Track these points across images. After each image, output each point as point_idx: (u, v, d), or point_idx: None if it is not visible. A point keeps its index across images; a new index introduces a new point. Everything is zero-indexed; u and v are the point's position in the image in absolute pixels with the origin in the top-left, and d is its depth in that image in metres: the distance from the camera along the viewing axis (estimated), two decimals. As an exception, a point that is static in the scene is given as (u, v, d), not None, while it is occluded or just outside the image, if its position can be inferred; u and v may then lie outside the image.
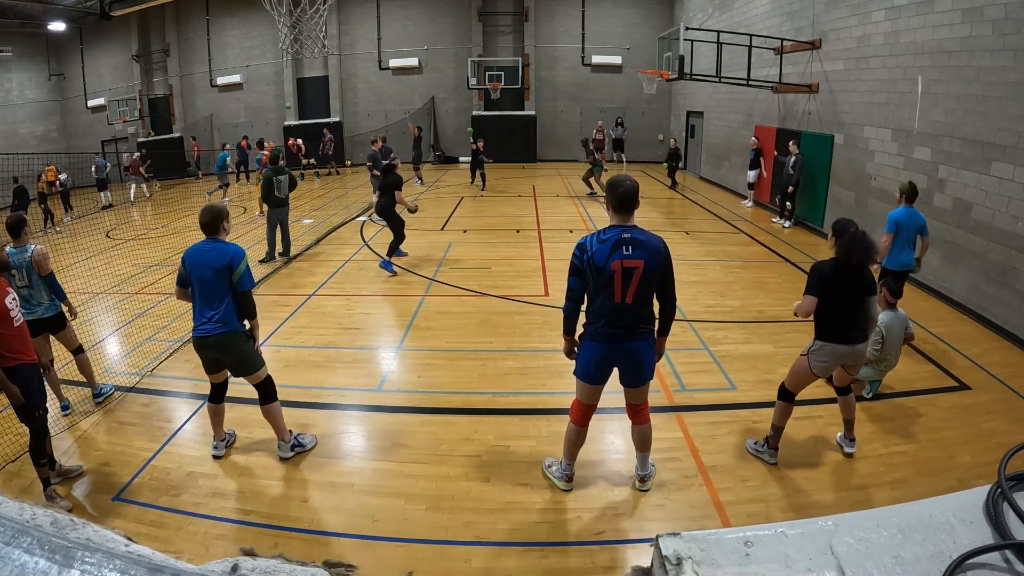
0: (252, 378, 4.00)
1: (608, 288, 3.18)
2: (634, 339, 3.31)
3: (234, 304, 3.83)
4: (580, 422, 3.60)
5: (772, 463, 3.93)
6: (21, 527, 0.63)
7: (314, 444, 4.25)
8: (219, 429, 4.18)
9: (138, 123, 20.98)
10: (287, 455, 4.09)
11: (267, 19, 17.04)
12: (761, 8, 12.62)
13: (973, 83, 6.51)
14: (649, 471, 3.77)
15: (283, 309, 7.07)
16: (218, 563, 0.72)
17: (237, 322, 3.86)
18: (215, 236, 3.85)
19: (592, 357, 3.38)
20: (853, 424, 4.04)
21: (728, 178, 15.13)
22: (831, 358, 3.69)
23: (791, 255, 9.20)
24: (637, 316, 3.27)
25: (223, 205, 3.95)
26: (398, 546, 3.33)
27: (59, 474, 3.90)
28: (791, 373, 3.89)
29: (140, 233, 11.91)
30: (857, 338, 3.67)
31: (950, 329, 6.27)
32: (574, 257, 3.26)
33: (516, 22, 20.57)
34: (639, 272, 3.14)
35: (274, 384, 4.07)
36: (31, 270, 4.55)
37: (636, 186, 3.24)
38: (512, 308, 6.98)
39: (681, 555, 0.85)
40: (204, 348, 3.87)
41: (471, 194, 14.89)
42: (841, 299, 3.61)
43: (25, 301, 4.53)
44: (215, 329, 3.77)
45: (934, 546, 0.87)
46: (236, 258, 3.78)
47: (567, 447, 3.68)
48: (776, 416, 3.93)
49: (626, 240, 3.16)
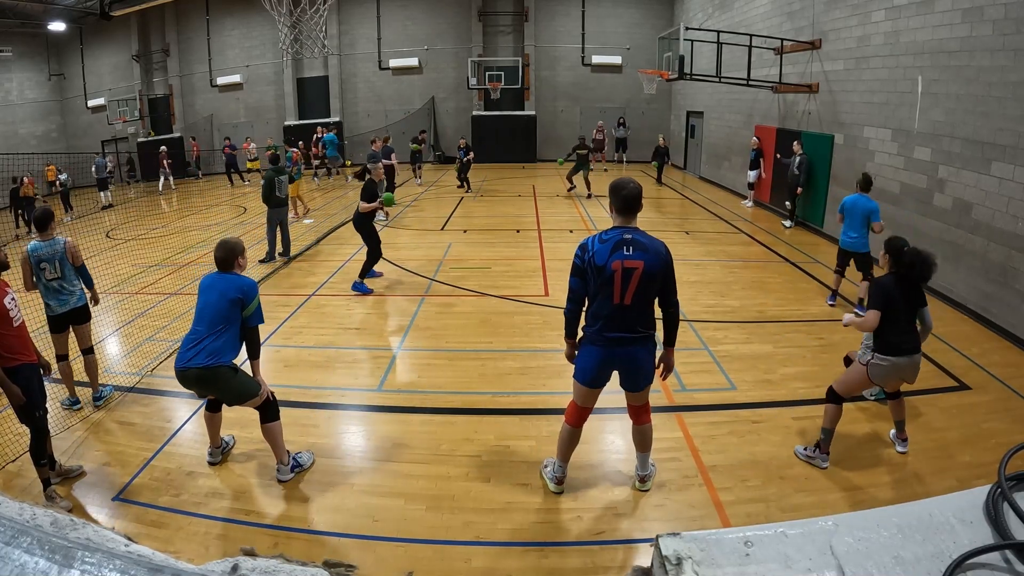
0: (251, 403, 3.81)
1: (607, 288, 3.17)
2: (632, 344, 3.29)
3: (238, 338, 3.69)
4: (575, 423, 3.59)
5: (824, 467, 3.93)
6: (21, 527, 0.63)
7: (312, 462, 4.07)
8: (215, 437, 4.09)
9: (138, 123, 20.99)
10: (286, 477, 3.88)
11: (267, 19, 17.06)
12: (761, 8, 12.62)
13: (973, 83, 6.51)
14: (649, 471, 3.77)
15: (283, 309, 7.07)
16: (218, 563, 0.72)
17: (228, 357, 3.63)
18: (229, 271, 3.76)
19: (591, 361, 3.38)
20: (904, 424, 4.10)
21: (728, 178, 15.13)
22: (892, 370, 3.78)
23: (791, 255, 9.20)
24: (636, 319, 3.25)
25: (238, 240, 3.85)
26: (398, 546, 3.33)
27: (59, 474, 3.90)
28: (845, 380, 3.94)
29: (140, 233, 11.91)
30: (915, 349, 3.79)
31: (950, 329, 6.27)
32: (576, 257, 3.27)
33: (516, 22, 20.57)
34: (639, 273, 3.14)
35: (277, 405, 3.89)
36: (64, 261, 4.61)
37: (639, 189, 3.25)
38: (512, 308, 6.98)
39: (681, 555, 0.85)
40: (186, 380, 3.64)
41: (471, 194, 14.90)
42: (902, 312, 3.74)
43: (56, 293, 4.61)
44: (201, 361, 3.53)
45: (934, 546, 0.87)
46: (250, 292, 3.68)
47: (560, 448, 3.67)
48: (827, 419, 3.94)
49: (627, 241, 3.17)
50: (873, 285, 3.86)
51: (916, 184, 7.57)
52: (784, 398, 4.88)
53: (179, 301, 7.21)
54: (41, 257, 4.50)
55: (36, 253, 4.50)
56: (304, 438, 4.38)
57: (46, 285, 4.56)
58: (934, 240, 7.26)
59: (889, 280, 3.80)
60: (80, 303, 4.75)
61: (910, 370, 3.81)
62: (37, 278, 4.54)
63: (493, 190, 15.67)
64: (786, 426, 4.44)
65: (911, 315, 3.80)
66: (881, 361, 3.76)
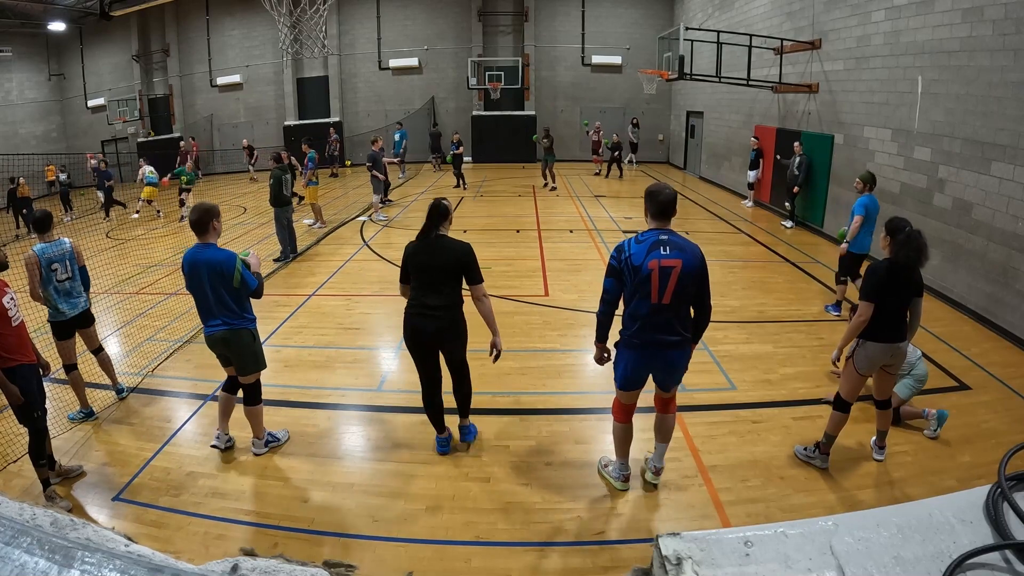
0: (245, 378, 4.06)
1: (645, 287, 3.17)
2: (671, 348, 3.29)
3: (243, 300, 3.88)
4: (624, 419, 3.63)
5: (824, 468, 3.92)
6: (21, 527, 0.63)
7: (287, 438, 4.35)
8: (224, 421, 4.21)
9: (138, 123, 20.99)
10: (261, 451, 4.17)
11: (267, 19, 17.05)
12: (761, 8, 12.62)
13: (973, 83, 6.51)
14: (664, 464, 3.79)
15: (283, 309, 7.07)
16: (218, 563, 0.72)
17: (245, 317, 3.91)
18: (205, 238, 3.80)
19: (629, 367, 3.40)
20: (886, 435, 4.06)
21: (728, 178, 15.13)
22: (877, 353, 3.71)
23: (791, 255, 9.20)
24: (675, 318, 3.25)
25: (213, 204, 3.91)
26: (398, 546, 3.33)
27: (59, 474, 3.90)
28: (843, 381, 3.90)
29: (140, 233, 11.91)
30: (900, 337, 3.70)
31: (950, 329, 6.27)
32: (611, 259, 3.29)
33: (516, 22, 20.57)
34: (677, 271, 3.15)
35: (261, 388, 4.16)
36: (73, 261, 4.57)
37: (675, 194, 3.30)
38: (512, 308, 6.98)
39: (681, 555, 0.85)
40: (214, 343, 3.96)
41: (471, 194, 14.91)
42: (894, 300, 3.63)
43: (67, 295, 4.56)
44: (221, 327, 3.85)
45: (934, 546, 0.87)
46: (226, 265, 3.74)
47: (618, 446, 3.71)
48: (830, 425, 3.92)
49: (663, 241, 3.20)
50: (866, 272, 3.74)
51: (916, 184, 7.57)
52: (784, 398, 4.88)
53: (179, 301, 7.20)
54: (52, 258, 4.42)
55: (46, 255, 4.41)
56: (304, 438, 4.39)
57: (57, 287, 4.47)
58: (934, 240, 7.24)
59: (882, 267, 3.65)
60: (87, 305, 4.72)
61: (893, 355, 3.74)
62: (47, 281, 4.42)
63: (493, 190, 15.67)
64: (786, 426, 4.44)
65: (903, 304, 3.66)
66: (860, 347, 3.71)
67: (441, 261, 3.74)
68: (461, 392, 4.11)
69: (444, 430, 4.14)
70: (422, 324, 3.75)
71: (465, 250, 3.79)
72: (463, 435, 4.26)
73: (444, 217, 3.83)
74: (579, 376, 5.49)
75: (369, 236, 10.72)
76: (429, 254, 3.77)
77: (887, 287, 3.60)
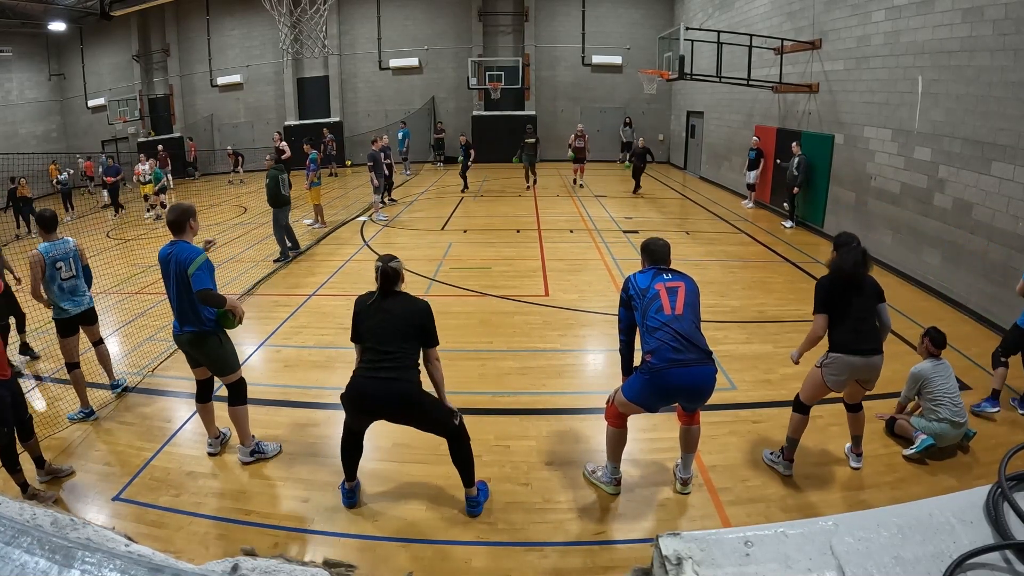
0: (226, 379, 4.03)
1: (656, 302, 3.32)
2: (698, 364, 3.23)
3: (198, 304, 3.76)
4: (620, 425, 3.61)
5: (787, 475, 3.86)
6: (21, 527, 0.63)
7: (278, 451, 4.16)
8: (211, 427, 4.20)
9: (138, 123, 20.97)
10: (247, 460, 4.05)
11: (267, 19, 17.05)
12: (761, 8, 12.62)
13: (973, 83, 6.51)
14: (691, 473, 3.77)
15: (283, 309, 7.08)
16: (218, 563, 0.72)
17: (205, 323, 3.84)
18: (181, 236, 3.81)
19: (652, 391, 3.31)
20: (861, 440, 3.96)
21: (728, 178, 15.13)
22: (845, 371, 3.60)
23: (791, 255, 9.20)
24: (693, 330, 3.29)
25: (190, 204, 3.92)
26: (398, 546, 3.33)
27: (48, 472, 3.89)
28: (805, 385, 3.82)
29: (140, 233, 11.91)
30: (869, 350, 3.58)
31: (950, 329, 6.20)
32: (622, 292, 3.50)
33: (516, 22, 20.56)
34: (682, 289, 3.37)
35: (246, 388, 4.10)
36: (77, 260, 4.62)
37: (667, 246, 3.57)
38: (512, 308, 6.98)
39: (681, 555, 0.85)
40: (180, 344, 4.02)
41: (471, 194, 14.91)
42: (846, 309, 3.58)
43: (72, 293, 4.60)
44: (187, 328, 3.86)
45: (934, 546, 0.87)
46: (187, 259, 3.70)
47: (610, 450, 3.68)
48: (791, 428, 3.86)
49: (664, 270, 3.48)
50: (815, 287, 3.72)
51: (916, 184, 7.57)
52: (784, 398, 4.86)
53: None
54: (56, 257, 4.49)
55: (51, 254, 4.47)
56: (304, 438, 4.39)
57: (61, 286, 4.53)
58: (934, 240, 7.26)
59: (826, 279, 3.67)
60: (91, 303, 4.79)
61: (865, 371, 3.60)
62: (51, 279, 4.48)
63: (493, 190, 15.67)
64: (786, 426, 4.42)
65: (863, 312, 3.58)
66: (832, 361, 3.61)
67: (397, 323, 3.31)
68: (459, 457, 3.45)
69: (354, 479, 3.63)
70: (374, 389, 3.24)
71: (424, 311, 3.36)
72: (470, 507, 3.55)
73: (395, 282, 3.43)
74: (579, 376, 5.49)
75: (369, 236, 10.72)
76: (383, 315, 3.33)
77: (835, 298, 3.61)
